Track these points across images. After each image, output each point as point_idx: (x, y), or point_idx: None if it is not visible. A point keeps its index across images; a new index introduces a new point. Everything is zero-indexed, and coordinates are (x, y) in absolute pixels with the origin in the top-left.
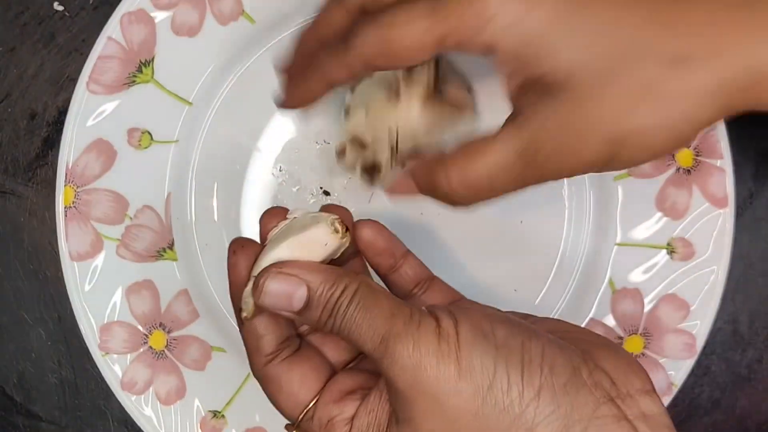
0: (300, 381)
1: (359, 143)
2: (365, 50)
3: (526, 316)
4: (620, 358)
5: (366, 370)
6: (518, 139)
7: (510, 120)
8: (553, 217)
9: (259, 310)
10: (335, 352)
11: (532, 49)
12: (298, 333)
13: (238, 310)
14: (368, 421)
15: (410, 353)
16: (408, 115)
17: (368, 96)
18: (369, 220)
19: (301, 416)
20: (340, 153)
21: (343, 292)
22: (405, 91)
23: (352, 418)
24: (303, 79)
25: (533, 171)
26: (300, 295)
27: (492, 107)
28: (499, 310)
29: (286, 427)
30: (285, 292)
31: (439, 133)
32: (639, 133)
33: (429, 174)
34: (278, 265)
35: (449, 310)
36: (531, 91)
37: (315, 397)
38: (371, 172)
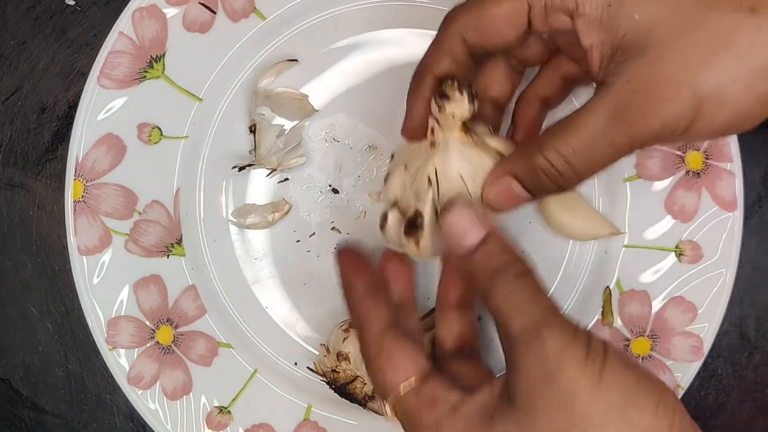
0: (410, 356)
1: (400, 208)
2: (458, 26)
3: None
4: None
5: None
6: (606, 103)
7: (596, 91)
8: None
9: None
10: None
11: (613, 10)
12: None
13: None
14: (473, 408)
15: (559, 350)
16: (445, 157)
17: (408, 155)
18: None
19: (403, 387)
20: (383, 224)
21: (516, 262)
22: (439, 134)
23: (456, 405)
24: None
25: (622, 135)
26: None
27: None
28: None
29: (381, 397)
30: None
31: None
32: (717, 88)
33: (529, 161)
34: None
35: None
36: (613, 61)
37: (414, 374)
38: (414, 229)
